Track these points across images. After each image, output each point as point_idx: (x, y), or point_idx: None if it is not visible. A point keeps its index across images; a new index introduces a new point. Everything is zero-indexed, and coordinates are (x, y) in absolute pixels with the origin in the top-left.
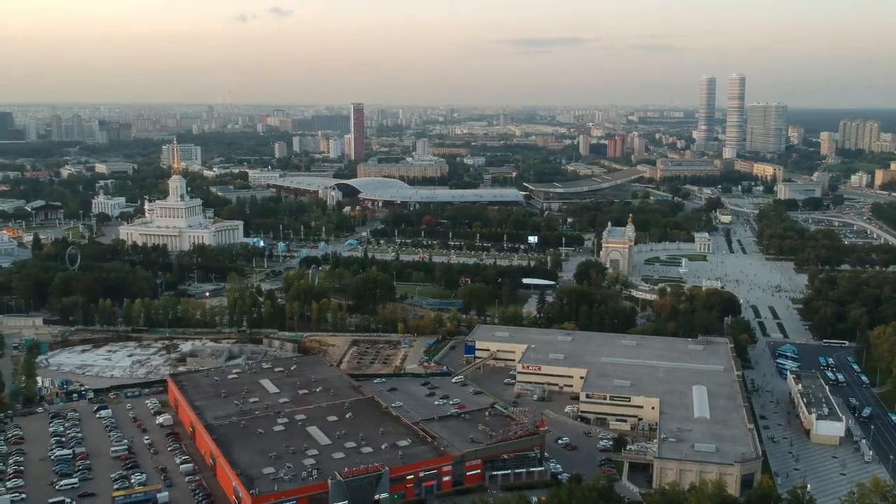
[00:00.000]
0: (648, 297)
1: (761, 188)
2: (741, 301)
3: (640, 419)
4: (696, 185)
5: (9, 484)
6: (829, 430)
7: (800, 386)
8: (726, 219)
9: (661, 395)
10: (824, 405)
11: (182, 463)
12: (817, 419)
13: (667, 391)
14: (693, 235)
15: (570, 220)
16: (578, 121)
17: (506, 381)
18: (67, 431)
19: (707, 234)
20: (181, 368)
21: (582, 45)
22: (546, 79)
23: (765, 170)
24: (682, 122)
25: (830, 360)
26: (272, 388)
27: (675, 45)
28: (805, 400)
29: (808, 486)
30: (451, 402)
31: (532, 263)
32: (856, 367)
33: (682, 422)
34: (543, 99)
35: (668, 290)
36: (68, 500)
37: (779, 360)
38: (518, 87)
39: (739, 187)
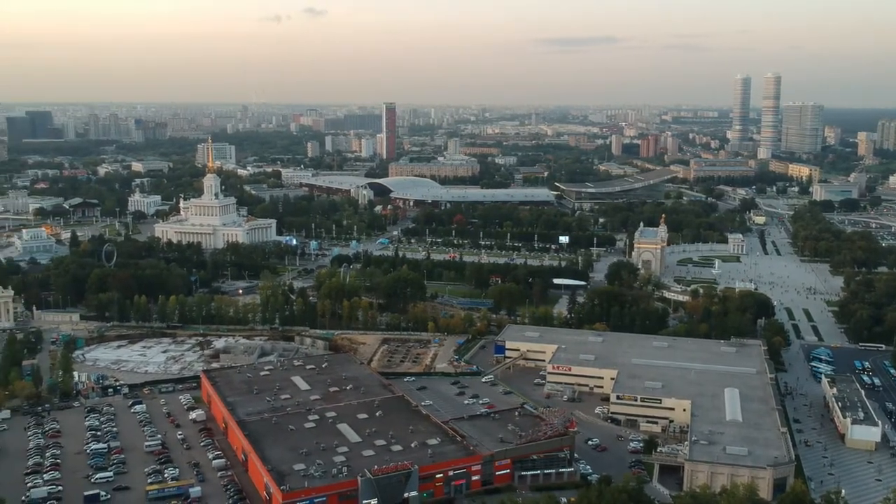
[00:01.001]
0: (681, 298)
1: (796, 189)
2: (775, 303)
3: (671, 421)
4: (730, 186)
5: (46, 476)
6: (865, 434)
7: (834, 390)
8: (760, 220)
9: (692, 397)
10: (860, 409)
11: (214, 458)
12: (852, 424)
13: (698, 393)
14: (726, 236)
15: (601, 220)
16: (611, 120)
17: (536, 381)
18: (103, 426)
19: (741, 236)
20: (214, 365)
21: (615, 45)
22: (579, 78)
23: (800, 170)
24: (716, 122)
25: (866, 363)
26: (303, 386)
27: (709, 44)
28: (840, 404)
29: (843, 491)
30: (480, 402)
31: (563, 263)
32: (893, 371)
33: (713, 424)
34: (576, 98)
35: (701, 291)
36: (103, 493)
37: (813, 364)
38: (550, 86)
39: (774, 188)
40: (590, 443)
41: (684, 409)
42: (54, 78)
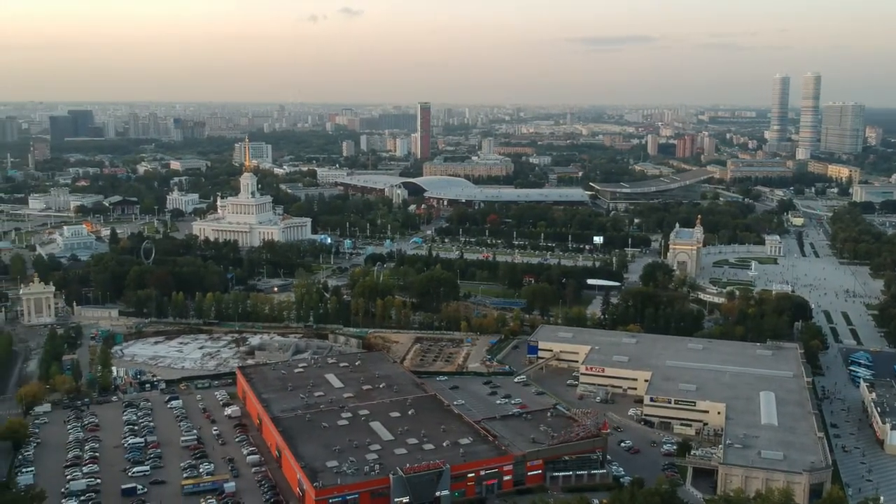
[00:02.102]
0: (716, 300)
1: (836, 190)
2: (813, 306)
3: (706, 424)
4: (768, 187)
5: (85, 469)
6: None
7: (874, 394)
8: (798, 221)
9: (727, 400)
10: None
11: (249, 454)
12: (892, 429)
13: (733, 396)
14: (763, 238)
15: (636, 220)
16: (647, 120)
17: (568, 382)
18: (140, 420)
19: (778, 237)
20: (249, 361)
21: (651, 44)
22: (614, 78)
23: (840, 171)
24: (754, 122)
25: None
26: (337, 383)
27: (747, 43)
28: (879, 409)
29: (882, 498)
30: (512, 402)
31: (597, 264)
32: None
33: (748, 428)
34: (611, 98)
35: (737, 293)
36: (140, 486)
37: (851, 368)
38: (586, 85)
39: (813, 189)
40: (622, 445)
41: (719, 412)
42: (96, 78)
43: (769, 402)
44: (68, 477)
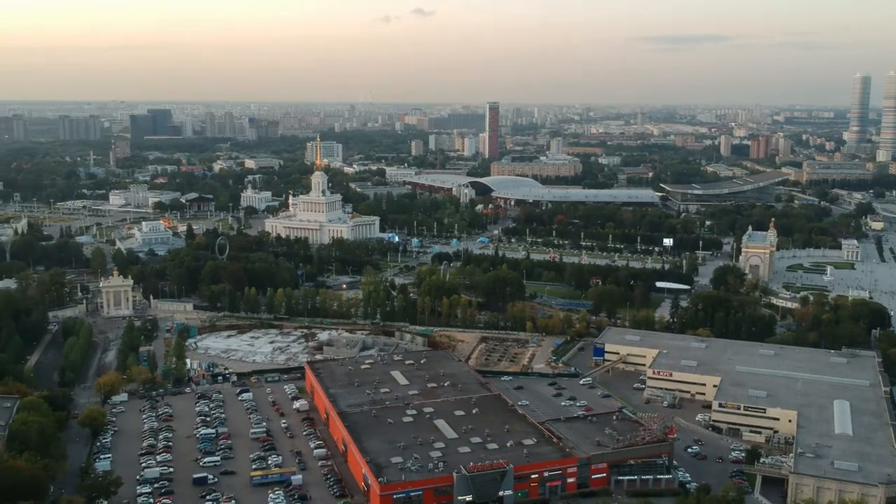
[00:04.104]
0: (789, 305)
1: None
2: (892, 313)
3: (776, 432)
4: (846, 190)
5: (158, 458)
6: None
7: None
8: (878, 225)
9: (799, 407)
10: None
11: (316, 448)
12: None
13: (805, 404)
14: (840, 242)
15: (708, 222)
16: (720, 120)
17: (635, 385)
18: (212, 412)
19: (856, 242)
20: (318, 357)
21: (726, 43)
22: (687, 77)
23: None
24: (832, 123)
25: None
26: (402, 380)
27: (827, 41)
28: None
29: None
30: (577, 404)
31: (666, 266)
32: None
33: (821, 437)
34: (683, 97)
35: (811, 298)
36: (211, 476)
37: None
38: (658, 85)
39: (894, 192)
40: (689, 450)
41: (790, 420)
42: (175, 78)
43: (843, 412)
44: (143, 465)
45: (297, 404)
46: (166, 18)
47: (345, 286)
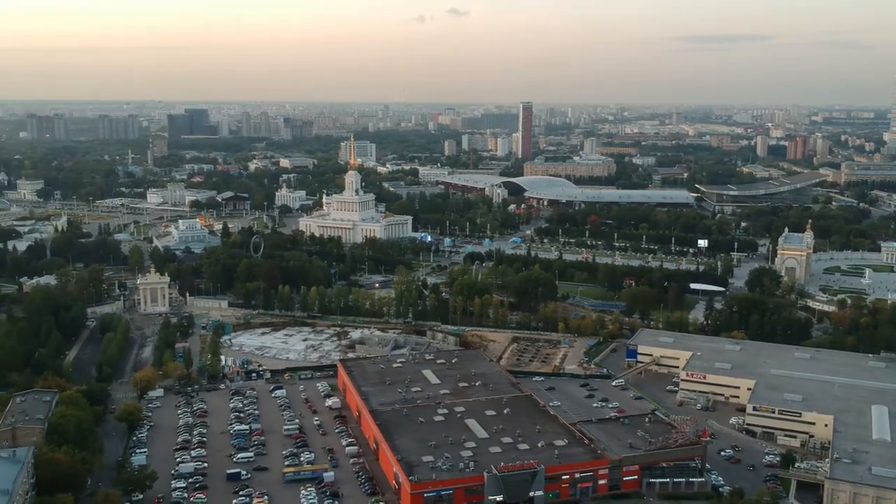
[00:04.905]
0: (826, 308)
1: None
2: None
3: (811, 436)
4: (886, 191)
5: (193, 453)
6: None
7: None
8: None
9: (835, 412)
10: None
11: (348, 445)
12: None
13: (842, 409)
14: (879, 245)
15: (743, 224)
16: (757, 121)
17: (668, 388)
18: (246, 408)
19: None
20: (350, 355)
21: (763, 42)
22: (723, 77)
23: None
24: (872, 123)
25: None
26: (434, 380)
27: (867, 41)
28: None
29: None
30: (609, 406)
31: (701, 268)
32: None
33: (858, 442)
34: (719, 97)
35: (849, 301)
36: (244, 472)
37: None
38: (693, 85)
39: None
40: (723, 454)
41: (826, 425)
42: (212, 78)
43: (882, 417)
44: (178, 459)
45: (329, 402)
46: (205, 20)
47: (377, 285)
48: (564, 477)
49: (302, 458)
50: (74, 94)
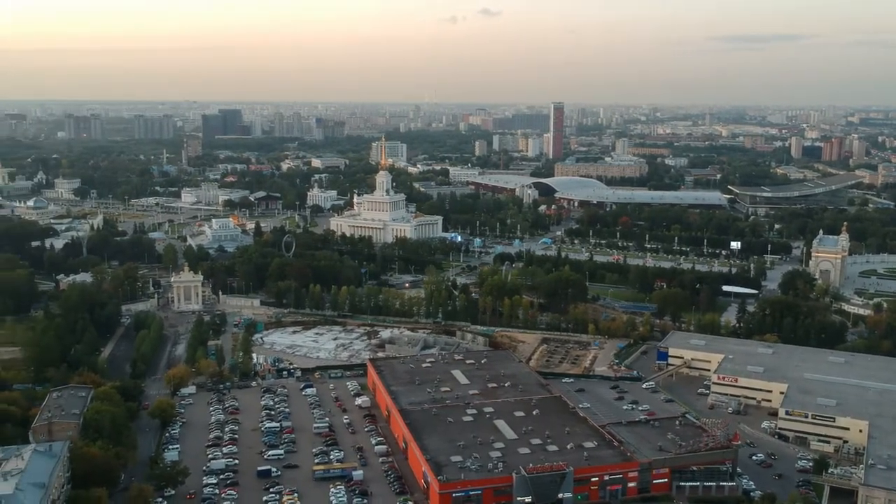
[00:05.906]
0: (861, 311)
1: None
2: None
3: (845, 441)
4: None
5: (224, 449)
6: None
7: None
8: None
9: (870, 417)
10: None
11: (377, 444)
12: None
13: (878, 414)
14: None
15: (777, 226)
16: (791, 122)
17: (699, 390)
18: (277, 406)
19: None
20: (380, 354)
21: (798, 42)
22: (757, 77)
23: None
24: None
25: None
26: (463, 380)
27: None
28: None
29: None
30: (640, 408)
31: (733, 270)
32: None
33: (893, 448)
34: (753, 98)
35: (885, 305)
36: (274, 469)
37: None
38: (727, 85)
39: None
40: (754, 458)
41: (861, 430)
42: (245, 79)
43: None
44: (209, 456)
45: (359, 401)
46: (239, 22)
47: (407, 285)
48: (594, 479)
49: (332, 457)
50: (111, 94)
